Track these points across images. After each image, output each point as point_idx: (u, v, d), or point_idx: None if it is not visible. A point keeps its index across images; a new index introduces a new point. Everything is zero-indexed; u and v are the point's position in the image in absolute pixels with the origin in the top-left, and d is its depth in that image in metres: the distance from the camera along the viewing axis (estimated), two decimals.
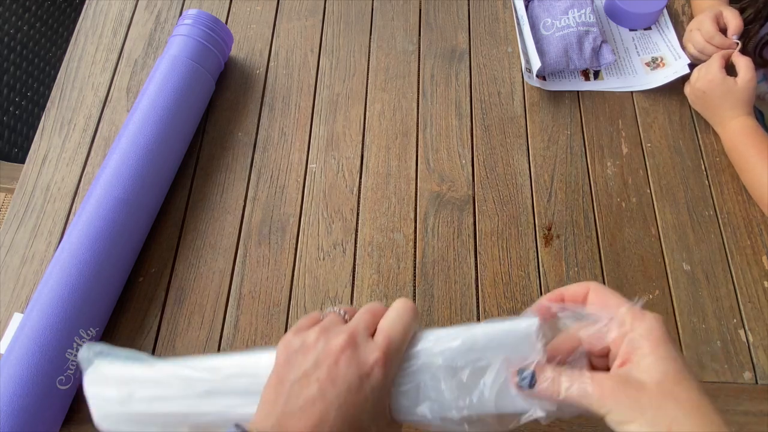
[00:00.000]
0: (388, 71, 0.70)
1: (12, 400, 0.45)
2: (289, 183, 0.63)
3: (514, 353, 0.30)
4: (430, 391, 0.30)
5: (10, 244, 0.59)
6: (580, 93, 0.69)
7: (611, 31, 0.74)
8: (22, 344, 0.47)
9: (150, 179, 0.57)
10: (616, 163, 0.65)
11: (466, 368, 0.30)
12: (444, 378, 0.30)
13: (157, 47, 0.71)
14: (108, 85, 0.68)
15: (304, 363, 0.29)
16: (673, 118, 0.68)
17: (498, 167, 0.64)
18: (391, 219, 0.61)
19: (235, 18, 0.74)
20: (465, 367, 0.30)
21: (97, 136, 0.65)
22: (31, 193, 0.62)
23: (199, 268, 0.58)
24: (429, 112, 0.67)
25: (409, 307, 0.32)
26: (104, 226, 0.53)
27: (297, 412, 0.28)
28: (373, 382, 0.29)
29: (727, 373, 0.54)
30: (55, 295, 0.49)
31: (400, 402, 0.31)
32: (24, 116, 0.93)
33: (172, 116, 0.59)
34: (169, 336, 0.55)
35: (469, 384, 0.30)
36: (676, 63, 0.69)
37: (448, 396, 0.30)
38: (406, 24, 0.73)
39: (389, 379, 0.30)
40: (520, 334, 0.31)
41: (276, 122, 0.67)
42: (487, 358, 0.30)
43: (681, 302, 0.57)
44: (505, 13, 0.74)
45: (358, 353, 0.29)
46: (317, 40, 0.72)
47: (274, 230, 0.60)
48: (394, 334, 0.30)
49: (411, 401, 0.31)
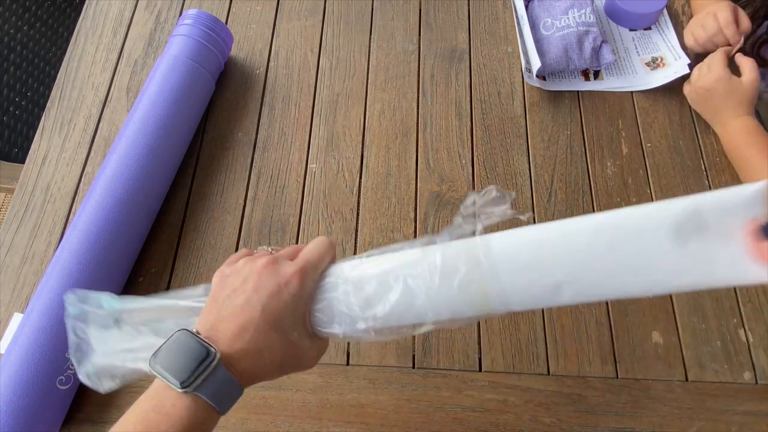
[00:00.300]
0: (388, 71, 0.70)
1: (12, 400, 0.45)
2: (289, 183, 0.63)
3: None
4: (342, 304, 0.35)
5: (10, 244, 0.59)
6: (580, 93, 0.69)
7: (611, 31, 0.74)
8: (22, 344, 0.47)
9: (150, 179, 0.57)
10: (616, 163, 0.65)
11: (373, 283, 0.34)
12: (354, 292, 0.34)
13: (157, 47, 0.71)
14: (108, 85, 0.68)
15: (234, 282, 0.35)
16: (673, 118, 0.67)
17: (498, 167, 0.64)
18: (391, 219, 0.61)
19: (235, 18, 0.74)
20: (372, 282, 0.34)
21: (97, 136, 0.65)
22: (31, 193, 0.62)
23: (199, 268, 0.58)
24: (429, 112, 0.67)
25: (324, 239, 0.37)
26: (104, 226, 0.53)
27: (228, 317, 0.33)
28: (291, 289, 0.34)
29: (727, 373, 0.54)
30: (55, 295, 0.49)
31: (317, 317, 0.35)
32: (24, 116, 0.93)
33: (172, 116, 0.59)
34: None
35: (374, 298, 0.34)
36: (676, 63, 0.69)
37: (356, 309, 0.34)
38: (406, 24, 0.73)
39: (306, 291, 0.35)
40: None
41: (276, 122, 0.67)
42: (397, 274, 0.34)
43: (681, 302, 0.57)
44: (505, 13, 0.74)
45: (278, 268, 0.35)
46: (317, 40, 0.72)
47: (274, 230, 0.60)
48: (309, 257, 0.36)
49: (326, 316, 0.35)
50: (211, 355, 0.31)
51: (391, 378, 0.53)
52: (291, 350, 0.34)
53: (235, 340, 0.32)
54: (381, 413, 0.52)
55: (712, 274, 0.28)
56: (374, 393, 0.52)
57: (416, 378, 0.53)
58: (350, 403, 0.52)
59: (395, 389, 0.53)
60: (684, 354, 0.55)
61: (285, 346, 0.34)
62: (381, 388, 0.53)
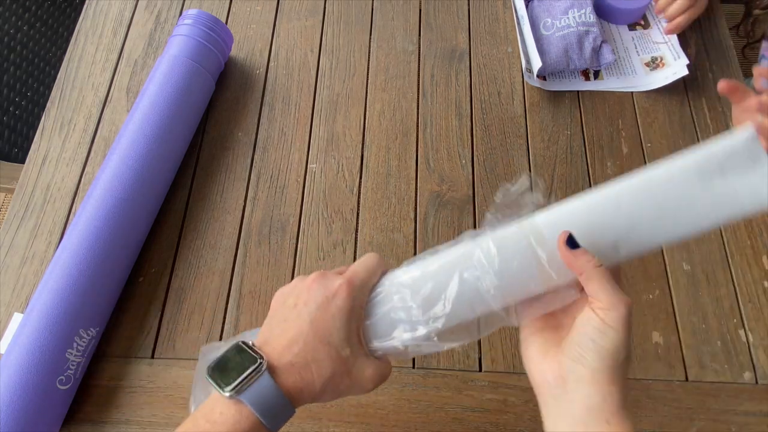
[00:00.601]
0: (388, 71, 0.70)
1: (12, 400, 0.45)
2: (289, 183, 0.63)
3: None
4: (400, 311, 0.34)
5: (10, 244, 0.59)
6: (580, 93, 0.69)
7: (611, 30, 0.74)
8: (22, 344, 0.47)
9: (150, 179, 0.57)
10: (616, 163, 0.65)
11: (429, 283, 0.34)
12: (411, 296, 0.34)
13: (157, 47, 0.71)
14: (108, 85, 0.68)
15: (288, 299, 0.36)
16: (673, 118, 0.68)
17: (498, 167, 0.64)
18: (391, 219, 0.61)
19: (235, 18, 0.74)
20: (427, 283, 0.34)
21: (97, 136, 0.65)
22: (31, 193, 0.62)
23: (199, 268, 0.58)
24: (429, 112, 0.67)
25: (374, 254, 0.37)
26: (104, 226, 0.53)
27: (279, 331, 0.34)
28: (338, 301, 0.34)
29: (727, 373, 0.54)
30: (55, 295, 0.49)
31: (373, 331, 0.35)
32: (24, 116, 0.93)
33: (172, 116, 0.59)
34: (169, 336, 0.55)
35: (432, 297, 0.34)
36: (675, 63, 0.69)
37: (416, 312, 0.34)
38: (406, 24, 0.73)
39: (355, 303, 0.34)
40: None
41: (276, 122, 0.67)
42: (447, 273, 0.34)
43: (681, 302, 0.57)
44: (505, 13, 0.74)
45: (326, 281, 0.35)
46: (317, 40, 0.72)
47: (274, 230, 0.60)
48: (357, 270, 0.36)
49: (383, 329, 0.35)
50: (258, 363, 0.31)
51: (391, 378, 0.53)
52: (342, 367, 0.33)
53: (284, 353, 0.33)
54: (381, 413, 0.52)
55: (739, 203, 0.33)
56: (374, 393, 0.52)
57: (416, 378, 0.53)
58: (350, 403, 0.52)
59: (395, 389, 0.53)
60: (684, 354, 0.55)
61: (335, 361, 0.33)
62: (381, 388, 0.53)
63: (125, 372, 0.53)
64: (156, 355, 0.54)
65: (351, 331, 0.34)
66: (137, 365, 0.54)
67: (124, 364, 0.54)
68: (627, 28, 0.74)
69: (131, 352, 0.54)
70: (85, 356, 0.50)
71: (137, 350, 0.54)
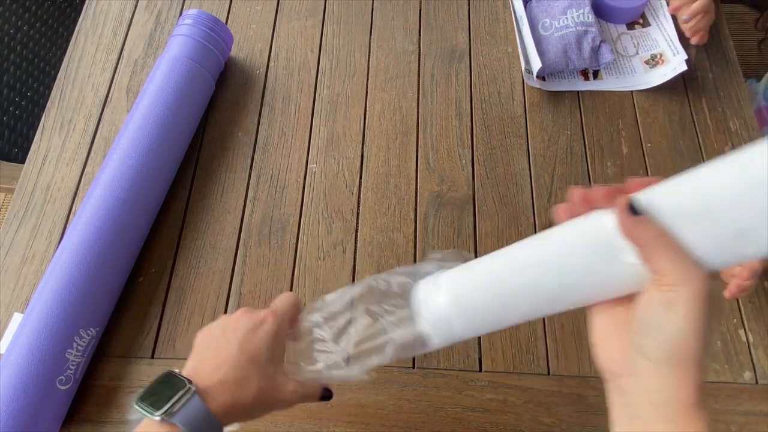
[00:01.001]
0: (388, 71, 0.70)
1: (12, 400, 0.45)
2: (289, 183, 0.63)
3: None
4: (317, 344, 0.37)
5: (10, 244, 0.59)
6: (580, 93, 0.69)
7: (609, 30, 0.74)
8: (22, 344, 0.47)
9: (150, 179, 0.57)
10: (616, 163, 0.65)
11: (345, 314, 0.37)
12: (327, 328, 0.37)
13: (157, 47, 0.71)
14: (108, 85, 0.68)
15: (215, 331, 0.39)
16: (673, 118, 0.68)
17: (498, 167, 0.64)
18: (391, 219, 0.61)
19: (235, 18, 0.74)
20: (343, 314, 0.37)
21: (97, 136, 0.65)
22: (31, 193, 0.62)
23: (199, 268, 0.58)
24: (429, 112, 0.67)
25: (289, 293, 0.42)
26: (104, 226, 0.53)
27: (208, 357, 0.37)
28: (266, 327, 0.38)
29: (727, 373, 0.54)
30: (55, 295, 0.49)
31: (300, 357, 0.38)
32: (24, 116, 0.93)
33: (172, 116, 0.59)
34: (169, 336, 0.55)
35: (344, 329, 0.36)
36: (674, 59, 0.69)
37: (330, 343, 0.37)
38: (406, 24, 0.73)
39: (280, 330, 0.38)
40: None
41: (276, 122, 0.67)
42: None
43: None
44: (505, 13, 0.74)
45: (252, 314, 0.39)
46: (317, 40, 0.72)
47: (274, 230, 0.60)
48: (279, 304, 0.40)
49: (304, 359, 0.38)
50: (186, 387, 0.34)
51: (391, 378, 0.53)
52: (268, 382, 0.37)
53: (213, 375, 0.35)
54: (381, 413, 0.52)
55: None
56: (374, 393, 0.52)
57: (416, 378, 0.53)
58: (350, 403, 0.52)
59: (395, 389, 0.53)
60: None
61: (261, 377, 0.36)
62: (381, 388, 0.53)
63: (125, 372, 0.53)
64: (156, 355, 0.54)
65: (275, 353, 0.38)
66: (137, 365, 0.54)
67: (124, 364, 0.54)
68: (626, 27, 0.74)
69: (131, 352, 0.54)
70: (85, 356, 0.50)
71: (137, 350, 0.54)
